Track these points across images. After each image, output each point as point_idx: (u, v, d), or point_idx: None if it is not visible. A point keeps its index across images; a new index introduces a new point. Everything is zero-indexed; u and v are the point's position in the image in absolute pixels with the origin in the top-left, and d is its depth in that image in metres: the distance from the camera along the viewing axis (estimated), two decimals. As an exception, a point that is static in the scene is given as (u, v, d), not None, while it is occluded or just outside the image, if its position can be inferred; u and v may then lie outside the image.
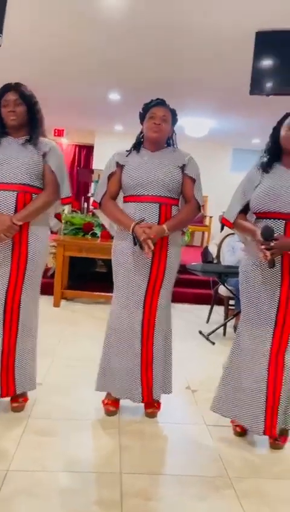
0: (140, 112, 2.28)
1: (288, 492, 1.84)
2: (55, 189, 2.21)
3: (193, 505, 1.71)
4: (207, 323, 4.45)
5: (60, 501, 1.66)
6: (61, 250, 4.64)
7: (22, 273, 2.16)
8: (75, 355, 3.21)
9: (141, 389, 2.27)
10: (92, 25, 4.02)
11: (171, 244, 2.26)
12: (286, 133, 2.07)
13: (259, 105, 5.22)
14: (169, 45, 4.35)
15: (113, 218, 2.28)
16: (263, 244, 1.96)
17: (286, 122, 2.08)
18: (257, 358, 2.13)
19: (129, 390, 2.28)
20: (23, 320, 2.19)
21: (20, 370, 2.22)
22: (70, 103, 7.15)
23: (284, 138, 2.08)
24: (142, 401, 2.30)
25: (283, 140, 2.09)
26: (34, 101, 2.19)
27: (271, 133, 2.18)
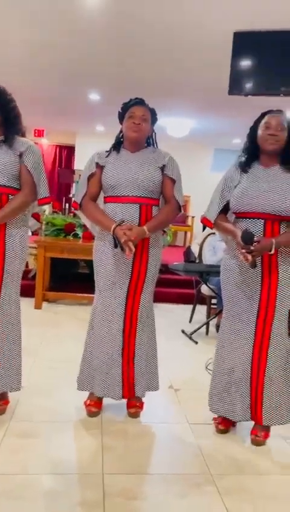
0: (119, 112, 2.27)
1: (270, 488, 1.86)
2: (32, 189, 2.18)
3: (175, 503, 1.72)
4: (190, 322, 4.47)
5: (43, 503, 1.65)
6: (42, 252, 4.60)
7: (1, 277, 2.13)
8: (58, 356, 3.19)
9: (122, 385, 2.28)
10: (70, 26, 4.00)
11: (152, 245, 2.26)
12: (262, 133, 2.10)
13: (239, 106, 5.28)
14: (148, 45, 4.36)
15: (94, 219, 2.27)
16: (244, 248, 1.98)
17: (263, 122, 2.11)
18: (240, 354, 2.16)
19: (111, 387, 2.28)
20: (3, 322, 2.17)
21: (4, 370, 2.19)
22: (50, 103, 7.11)
23: (261, 138, 2.10)
24: (122, 397, 2.31)
25: (260, 140, 2.12)
26: (8, 98, 2.13)
27: (248, 132, 2.20)
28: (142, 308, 2.28)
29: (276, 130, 2.07)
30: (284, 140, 2.10)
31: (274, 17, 3.49)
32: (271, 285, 2.09)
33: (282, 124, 2.09)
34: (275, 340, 2.11)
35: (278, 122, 2.08)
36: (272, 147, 2.09)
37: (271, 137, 2.07)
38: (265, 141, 2.09)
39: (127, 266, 2.23)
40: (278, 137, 2.08)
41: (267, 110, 2.15)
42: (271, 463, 2.06)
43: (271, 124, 2.08)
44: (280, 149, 2.11)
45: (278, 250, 2.04)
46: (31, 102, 6.93)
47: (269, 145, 2.09)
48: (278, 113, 2.13)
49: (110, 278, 2.25)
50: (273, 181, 2.09)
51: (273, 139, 2.07)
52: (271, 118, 2.10)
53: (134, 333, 2.28)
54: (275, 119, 2.09)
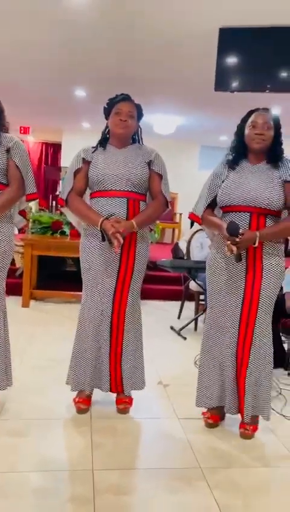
0: (104, 107, 2.25)
1: (259, 481, 1.87)
2: (20, 185, 2.16)
3: (166, 497, 1.72)
4: (178, 318, 4.48)
5: (32, 501, 1.63)
6: (29, 250, 4.57)
7: None
8: (46, 354, 3.17)
9: (109, 380, 2.29)
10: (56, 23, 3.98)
11: (140, 240, 2.26)
12: (249, 132, 2.11)
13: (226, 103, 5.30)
14: (134, 42, 4.35)
15: (80, 214, 2.25)
16: (229, 239, 1.99)
17: (249, 121, 2.12)
18: (224, 348, 2.18)
19: (98, 380, 2.29)
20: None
21: None
22: (36, 100, 7.05)
23: (248, 137, 2.12)
24: (109, 390, 2.31)
25: (246, 139, 2.13)
26: None
27: (236, 130, 2.21)
28: (129, 304, 2.27)
29: (262, 128, 2.09)
30: (270, 138, 2.12)
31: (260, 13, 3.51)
32: (255, 277, 2.10)
33: (268, 122, 2.10)
34: (258, 333, 2.12)
35: (265, 121, 2.09)
36: (258, 146, 2.10)
37: (258, 136, 2.09)
38: (252, 140, 2.11)
39: (115, 262, 2.22)
40: (265, 136, 2.09)
41: (254, 109, 2.17)
42: (260, 456, 2.07)
43: (258, 123, 2.09)
44: (267, 147, 2.12)
45: (262, 243, 2.06)
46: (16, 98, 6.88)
47: (256, 144, 2.10)
48: (264, 111, 2.14)
49: (97, 274, 2.23)
50: (259, 176, 2.11)
51: (260, 138, 2.09)
52: (258, 117, 2.11)
53: (122, 329, 2.28)
54: (261, 118, 2.10)
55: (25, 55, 4.96)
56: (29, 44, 4.59)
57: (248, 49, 3.87)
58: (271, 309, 2.15)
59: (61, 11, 3.74)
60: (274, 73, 3.98)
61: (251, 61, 3.93)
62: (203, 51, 4.19)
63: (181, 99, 6.36)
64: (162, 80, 5.49)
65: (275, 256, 2.12)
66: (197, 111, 6.99)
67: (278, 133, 2.15)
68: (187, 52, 4.47)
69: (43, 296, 4.85)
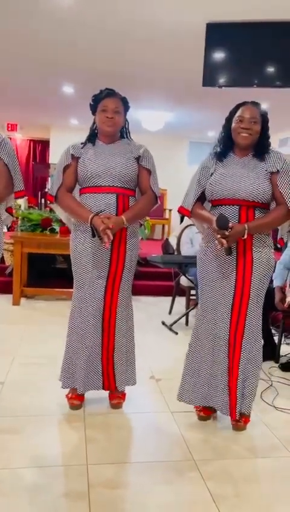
0: (90, 103, 2.24)
1: (251, 472, 1.90)
2: (8, 182, 2.15)
3: (160, 489, 1.73)
4: (170, 314, 4.50)
5: (27, 497, 1.64)
6: (19, 247, 4.54)
7: None
8: (38, 352, 3.16)
9: (102, 378, 2.30)
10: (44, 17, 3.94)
11: (130, 236, 2.26)
12: (235, 126, 2.12)
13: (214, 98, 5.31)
14: (121, 37, 4.33)
15: (70, 210, 2.25)
16: (219, 233, 2.00)
17: (237, 115, 2.13)
18: (216, 342, 2.19)
19: (91, 381, 2.29)
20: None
21: None
22: (23, 97, 6.99)
23: (234, 131, 2.12)
24: (102, 388, 2.32)
25: (233, 133, 2.14)
26: None
27: (224, 123, 2.22)
28: (121, 300, 2.28)
29: (249, 123, 2.09)
30: (257, 133, 2.12)
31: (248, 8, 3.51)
32: (246, 269, 2.12)
33: (256, 116, 2.10)
34: (249, 325, 2.13)
35: (252, 115, 2.10)
36: (243, 141, 2.11)
37: (244, 130, 2.09)
38: (238, 134, 2.11)
39: (105, 258, 2.22)
40: (251, 130, 2.09)
41: (243, 102, 2.17)
42: (252, 447, 2.10)
43: (244, 118, 2.09)
44: (253, 141, 2.13)
45: (251, 235, 2.08)
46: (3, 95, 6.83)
47: (242, 138, 2.11)
48: (252, 105, 2.14)
49: (88, 270, 2.23)
50: (247, 168, 2.12)
51: (246, 132, 2.09)
52: (245, 111, 2.11)
53: (113, 325, 2.28)
54: (248, 112, 2.10)
55: (12, 51, 4.91)
56: (15, 40, 4.55)
57: (235, 44, 3.88)
58: (262, 300, 2.17)
59: (50, 8, 3.72)
60: (261, 68, 4.00)
61: (238, 56, 3.94)
62: (191, 46, 4.20)
63: (169, 95, 6.36)
64: (150, 76, 5.48)
65: (264, 247, 2.14)
66: (185, 107, 7.00)
67: (265, 127, 2.15)
68: (174, 48, 4.46)
69: (33, 294, 4.83)
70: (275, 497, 1.75)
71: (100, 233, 2.09)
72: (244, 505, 1.68)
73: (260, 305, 2.17)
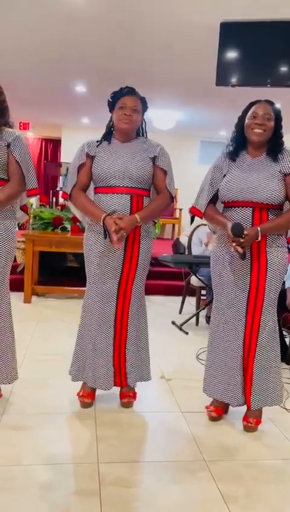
0: (109, 100, 2.23)
1: (262, 473, 1.89)
2: (20, 180, 2.16)
3: (171, 489, 1.74)
4: (180, 313, 4.49)
5: (38, 494, 1.65)
6: (31, 245, 4.57)
7: None
8: (49, 349, 3.18)
9: (114, 374, 2.30)
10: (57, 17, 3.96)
11: (144, 236, 2.26)
12: (249, 122, 2.11)
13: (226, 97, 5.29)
14: (135, 37, 4.34)
15: (84, 210, 2.25)
16: (234, 240, 2.00)
17: (250, 112, 2.12)
18: (231, 341, 2.20)
19: (101, 378, 2.28)
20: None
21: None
22: (36, 96, 7.03)
23: (248, 127, 2.11)
24: (114, 385, 2.32)
25: (246, 130, 2.12)
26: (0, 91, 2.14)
27: (236, 122, 2.21)
28: (133, 299, 2.28)
29: (263, 119, 2.08)
30: (271, 129, 2.11)
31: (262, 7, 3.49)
32: (260, 269, 2.12)
33: (269, 113, 2.09)
34: (264, 325, 2.14)
35: (266, 112, 2.09)
36: (257, 137, 2.10)
37: (257, 126, 2.08)
38: (251, 131, 2.10)
39: (119, 257, 2.22)
40: (265, 126, 2.08)
41: (256, 100, 2.16)
42: (263, 448, 2.09)
43: (258, 114, 2.08)
44: (267, 139, 2.12)
45: (265, 236, 2.07)
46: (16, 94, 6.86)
47: (255, 135, 2.10)
48: (266, 102, 2.13)
49: (101, 269, 2.24)
50: (260, 170, 2.11)
51: (260, 128, 2.08)
52: (258, 108, 2.10)
53: (125, 324, 2.29)
54: (262, 109, 2.09)
55: (25, 51, 4.94)
56: (29, 39, 4.58)
57: (249, 43, 3.86)
58: (276, 300, 2.17)
59: (62, 7, 3.73)
60: (275, 67, 3.98)
61: (251, 55, 3.92)
62: (204, 45, 4.18)
63: (181, 94, 6.35)
64: (163, 75, 5.48)
65: (278, 247, 2.13)
66: (196, 106, 6.98)
67: (278, 125, 2.14)
68: (187, 47, 4.45)
69: (44, 292, 4.86)
70: (286, 498, 1.74)
71: (111, 234, 2.08)
72: (256, 506, 1.68)
73: (275, 304, 2.17)
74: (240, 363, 2.19)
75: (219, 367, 2.25)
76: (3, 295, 2.20)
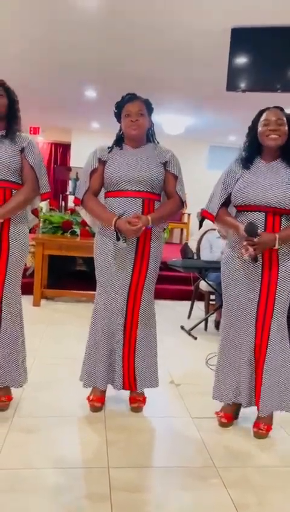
0: (114, 111, 2.26)
1: (274, 480, 1.87)
2: (34, 184, 2.19)
3: (182, 495, 1.73)
4: (188, 318, 4.49)
5: (49, 497, 1.65)
6: (41, 249, 4.60)
7: (3, 271, 2.13)
8: (58, 353, 3.19)
9: (122, 377, 2.30)
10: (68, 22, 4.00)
11: (154, 239, 2.27)
12: (262, 129, 2.11)
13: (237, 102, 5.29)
14: (145, 42, 4.36)
15: (95, 214, 2.27)
16: (247, 240, 1.99)
17: (262, 119, 2.12)
18: (241, 350, 2.19)
19: (112, 378, 2.30)
20: (7, 319, 2.17)
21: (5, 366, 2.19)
22: (46, 100, 7.09)
23: (262, 134, 2.11)
24: (122, 388, 2.32)
25: (260, 137, 2.12)
26: (16, 99, 2.19)
27: (247, 132, 2.21)
28: (143, 304, 2.29)
29: (276, 124, 2.08)
30: (285, 134, 2.11)
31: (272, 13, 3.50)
32: (271, 279, 2.11)
33: (281, 118, 2.10)
34: (274, 334, 2.13)
35: (278, 117, 2.09)
36: (274, 142, 2.09)
37: (272, 132, 2.08)
38: (266, 137, 2.10)
39: (129, 261, 2.23)
40: (280, 131, 2.08)
41: (265, 108, 2.16)
42: (274, 455, 2.08)
43: (270, 120, 2.09)
44: (282, 143, 2.11)
45: None
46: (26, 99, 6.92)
47: (271, 140, 2.09)
48: (275, 108, 2.14)
49: (111, 273, 2.25)
50: (274, 175, 2.11)
51: (275, 133, 2.08)
52: (270, 114, 2.10)
53: (135, 329, 2.29)
54: (273, 115, 2.10)
55: (36, 56, 4.99)
56: (39, 44, 4.63)
57: (259, 49, 3.87)
58: (286, 307, 2.16)
59: (72, 12, 3.77)
60: (285, 73, 3.98)
61: (262, 61, 3.93)
62: (214, 51, 4.20)
63: (191, 99, 6.37)
64: (173, 80, 5.50)
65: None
66: (206, 111, 6.99)
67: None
68: (198, 52, 4.47)
69: (53, 295, 4.88)
70: (298, 507, 1.73)
71: (125, 234, 2.09)
72: (267, 514, 1.66)
73: (285, 312, 2.16)
74: (251, 368, 2.17)
75: (229, 371, 2.24)
76: (16, 298, 2.22)
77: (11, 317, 2.20)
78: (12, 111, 2.17)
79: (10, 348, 2.21)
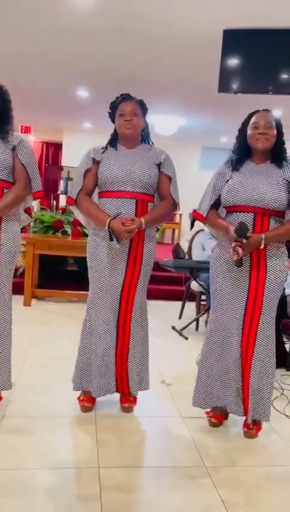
0: (109, 112, 2.27)
1: (263, 480, 1.89)
2: (26, 183, 2.18)
3: (172, 495, 1.73)
4: (180, 319, 4.50)
5: (40, 498, 1.64)
6: (31, 249, 4.57)
7: None
8: (49, 353, 3.18)
9: (115, 380, 2.29)
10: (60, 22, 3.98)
11: (147, 240, 2.27)
12: (252, 132, 2.13)
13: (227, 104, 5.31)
14: (138, 43, 4.36)
15: (89, 214, 2.27)
16: (236, 240, 2.00)
17: (251, 122, 2.14)
18: (228, 350, 2.19)
19: (105, 384, 2.28)
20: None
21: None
22: (38, 100, 7.05)
23: (251, 137, 2.13)
24: (116, 391, 2.31)
25: (250, 140, 2.14)
26: (9, 99, 2.18)
27: (237, 134, 2.23)
28: (136, 305, 2.28)
29: (265, 128, 2.10)
30: (274, 137, 2.13)
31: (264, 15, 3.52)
32: (259, 278, 2.12)
33: (270, 121, 2.12)
34: (261, 334, 2.13)
35: (267, 120, 2.11)
36: (262, 145, 2.11)
37: (261, 135, 2.10)
38: (255, 140, 2.12)
39: (122, 262, 2.23)
40: (268, 135, 2.11)
41: (254, 111, 2.18)
42: (264, 455, 2.09)
43: (259, 124, 2.11)
44: (271, 145, 2.14)
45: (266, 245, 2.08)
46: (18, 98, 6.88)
47: (260, 143, 2.11)
48: (265, 111, 2.16)
49: (104, 275, 2.24)
50: (264, 176, 2.12)
51: (264, 137, 2.10)
52: (259, 117, 2.13)
53: (128, 330, 2.28)
54: (263, 118, 2.12)
55: (27, 55, 4.97)
56: (31, 44, 4.60)
57: (251, 50, 3.89)
58: (274, 310, 2.17)
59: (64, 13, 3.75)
60: (276, 75, 4.01)
61: (254, 62, 3.95)
62: (207, 52, 4.21)
63: (183, 100, 6.38)
64: (165, 81, 5.51)
65: (278, 257, 2.13)
66: (198, 112, 7.01)
67: (280, 133, 2.16)
68: (190, 54, 4.48)
69: (44, 295, 4.86)
70: (287, 505, 1.74)
71: (119, 235, 2.09)
72: (257, 513, 1.67)
73: (273, 313, 2.17)
74: (237, 370, 2.17)
75: (214, 374, 2.23)
76: (6, 299, 2.20)
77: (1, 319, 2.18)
78: (4, 111, 2.15)
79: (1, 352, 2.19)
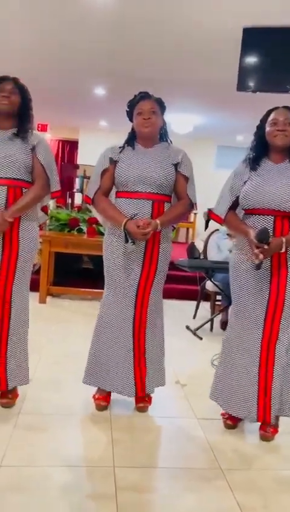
0: (126, 110, 2.26)
1: (279, 483, 1.87)
2: (45, 183, 2.19)
3: (187, 496, 1.72)
4: (194, 318, 4.47)
5: (54, 496, 1.65)
6: (48, 246, 4.60)
7: (13, 268, 2.13)
8: (64, 350, 3.19)
9: (135, 383, 2.27)
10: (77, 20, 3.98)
11: (163, 240, 2.26)
12: (270, 129, 2.10)
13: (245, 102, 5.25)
14: (155, 41, 4.34)
15: (105, 214, 2.27)
16: (258, 246, 1.98)
17: (270, 119, 2.12)
18: (248, 352, 2.16)
19: (121, 385, 2.27)
20: (14, 316, 2.17)
21: (12, 364, 2.19)
22: (54, 98, 7.08)
23: (270, 134, 2.11)
24: (136, 395, 2.31)
25: (268, 136, 2.12)
26: (29, 97, 2.19)
27: (255, 131, 2.20)
28: (151, 304, 2.28)
29: (284, 125, 2.08)
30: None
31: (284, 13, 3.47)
32: (280, 281, 2.09)
33: (289, 118, 2.09)
34: (283, 338, 2.11)
35: (286, 117, 2.09)
36: (281, 142, 2.09)
37: (280, 132, 2.08)
38: (274, 137, 2.10)
39: (138, 262, 2.22)
40: (287, 131, 2.08)
41: (273, 108, 2.16)
42: (281, 458, 2.07)
43: (278, 120, 2.09)
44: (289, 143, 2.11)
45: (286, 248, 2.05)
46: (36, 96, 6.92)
47: (279, 140, 2.09)
48: (284, 108, 2.14)
49: (120, 273, 2.24)
50: (283, 177, 2.09)
51: (283, 134, 2.08)
52: (278, 114, 2.11)
53: (144, 329, 2.28)
54: (282, 115, 2.10)
55: (45, 52, 4.98)
56: (49, 41, 4.61)
57: (270, 49, 3.83)
58: None
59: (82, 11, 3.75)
60: (295, 74, 3.95)
61: (273, 61, 3.89)
62: (226, 50, 4.17)
63: (200, 98, 6.34)
64: (182, 80, 5.48)
65: None
66: (215, 110, 6.96)
67: None
68: (209, 52, 4.44)
69: (59, 293, 4.89)
70: (304, 511, 1.72)
71: (133, 237, 2.09)
72: (273, 517, 1.65)
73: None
74: (256, 373, 2.14)
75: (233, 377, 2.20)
76: (26, 298, 2.22)
77: (19, 318, 2.20)
78: (25, 109, 2.16)
79: (19, 346, 2.21)
